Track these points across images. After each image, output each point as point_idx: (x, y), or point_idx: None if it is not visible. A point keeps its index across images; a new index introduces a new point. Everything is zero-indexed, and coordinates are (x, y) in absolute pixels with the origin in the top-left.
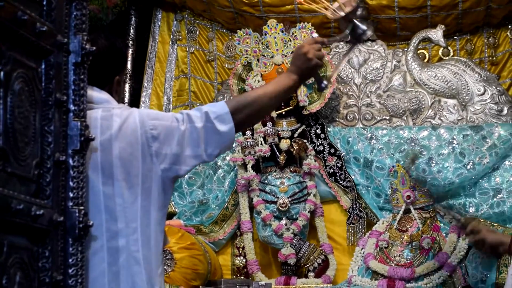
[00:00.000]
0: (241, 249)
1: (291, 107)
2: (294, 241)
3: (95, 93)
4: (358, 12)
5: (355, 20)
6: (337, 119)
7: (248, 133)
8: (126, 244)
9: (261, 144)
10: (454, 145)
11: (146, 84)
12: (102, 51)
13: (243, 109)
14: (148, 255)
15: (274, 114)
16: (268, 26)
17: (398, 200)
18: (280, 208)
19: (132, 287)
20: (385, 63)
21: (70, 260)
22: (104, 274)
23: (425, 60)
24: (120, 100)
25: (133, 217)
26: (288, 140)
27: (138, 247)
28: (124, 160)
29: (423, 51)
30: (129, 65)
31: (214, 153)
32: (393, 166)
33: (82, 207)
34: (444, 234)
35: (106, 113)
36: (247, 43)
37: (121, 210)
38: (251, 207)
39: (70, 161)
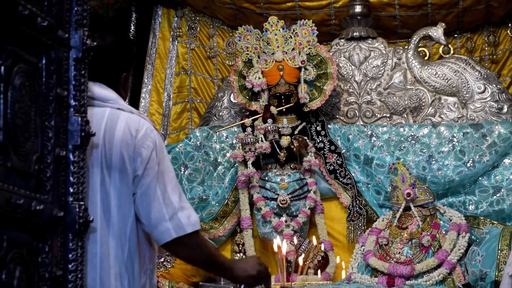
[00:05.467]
0: (241, 245)
1: (291, 104)
2: (294, 238)
3: (102, 91)
4: (358, 10)
5: None
6: (337, 116)
7: (249, 129)
8: (116, 245)
9: (262, 140)
10: (454, 143)
11: (146, 80)
12: (110, 47)
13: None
14: (132, 261)
15: (274, 111)
16: (268, 23)
17: (398, 198)
18: (280, 205)
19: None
20: (385, 60)
21: (70, 256)
22: (95, 270)
23: (426, 58)
24: (127, 96)
25: (125, 220)
26: (288, 137)
27: (125, 252)
28: (121, 165)
29: (423, 49)
30: None
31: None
32: (393, 164)
33: (82, 203)
34: (443, 232)
35: (113, 114)
36: (247, 39)
37: (115, 210)
38: (251, 204)
39: (71, 156)
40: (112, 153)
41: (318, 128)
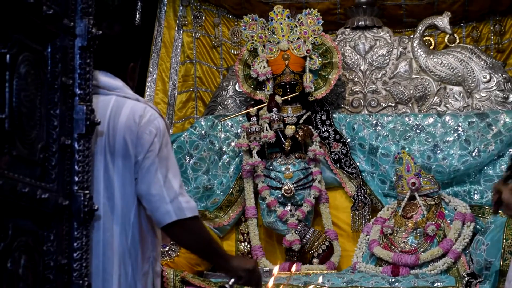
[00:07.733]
0: (245, 234)
1: (296, 93)
2: (299, 227)
3: (108, 79)
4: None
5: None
6: (342, 105)
7: (254, 119)
8: (119, 232)
9: (267, 130)
10: (459, 132)
11: (151, 69)
12: (117, 36)
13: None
14: (135, 248)
15: (279, 100)
16: (274, 11)
17: (403, 187)
18: (285, 194)
19: (119, 275)
20: (391, 50)
21: (75, 244)
22: (98, 257)
23: (431, 47)
24: (134, 87)
25: (128, 207)
26: (293, 126)
27: (129, 239)
28: (124, 151)
29: (429, 38)
30: None
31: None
32: (398, 153)
33: (87, 191)
34: (448, 221)
35: (118, 102)
36: (253, 28)
37: (119, 197)
38: (256, 193)
39: (76, 145)
40: (115, 139)
41: (323, 118)
